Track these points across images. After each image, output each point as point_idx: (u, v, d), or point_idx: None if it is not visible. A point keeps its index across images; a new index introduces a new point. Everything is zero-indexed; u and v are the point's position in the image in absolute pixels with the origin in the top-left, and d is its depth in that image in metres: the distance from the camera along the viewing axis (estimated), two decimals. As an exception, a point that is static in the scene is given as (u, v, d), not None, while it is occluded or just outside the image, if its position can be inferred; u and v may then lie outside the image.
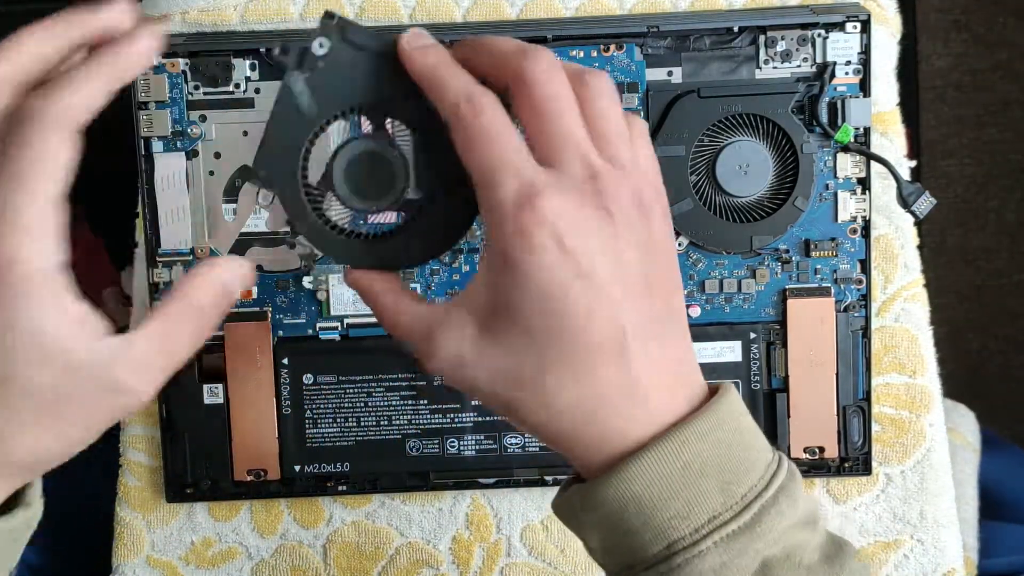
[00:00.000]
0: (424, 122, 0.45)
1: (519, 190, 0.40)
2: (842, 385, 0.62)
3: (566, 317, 0.40)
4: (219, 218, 0.62)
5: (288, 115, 0.44)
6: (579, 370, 0.41)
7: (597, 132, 0.42)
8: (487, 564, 0.65)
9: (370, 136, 0.45)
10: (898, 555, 0.64)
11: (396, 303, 0.44)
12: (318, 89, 0.44)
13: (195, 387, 0.62)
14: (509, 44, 0.42)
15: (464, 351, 0.42)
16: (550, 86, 0.41)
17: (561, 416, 0.41)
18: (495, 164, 0.40)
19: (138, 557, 0.64)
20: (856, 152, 0.61)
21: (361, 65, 0.44)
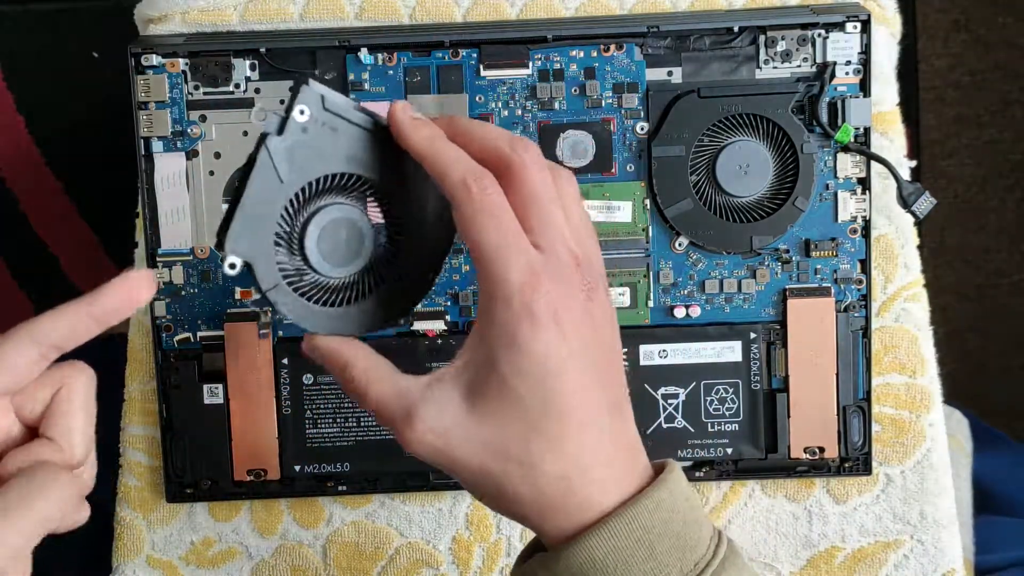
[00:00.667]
0: (395, 192, 0.46)
1: (525, 270, 0.43)
2: (842, 385, 0.62)
3: (559, 393, 0.43)
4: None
5: (264, 182, 0.44)
6: (566, 441, 0.43)
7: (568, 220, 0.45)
8: (487, 564, 0.65)
9: (342, 204, 0.46)
10: (898, 555, 0.64)
11: (367, 370, 0.45)
12: (295, 156, 0.44)
13: (195, 387, 0.62)
14: (497, 131, 0.45)
15: (449, 425, 0.44)
16: (541, 178, 0.44)
17: (544, 486, 0.44)
18: (502, 243, 0.43)
19: (138, 557, 0.64)
20: (856, 152, 0.61)
21: (338, 133, 0.45)
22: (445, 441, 0.44)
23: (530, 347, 0.42)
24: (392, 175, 0.46)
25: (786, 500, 0.64)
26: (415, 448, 0.44)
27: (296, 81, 0.45)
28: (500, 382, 0.43)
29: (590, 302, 0.44)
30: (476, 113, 0.61)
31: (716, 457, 0.63)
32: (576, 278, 0.44)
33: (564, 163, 0.62)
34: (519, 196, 0.44)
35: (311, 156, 0.45)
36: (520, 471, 0.43)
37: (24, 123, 1.10)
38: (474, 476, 0.44)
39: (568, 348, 0.43)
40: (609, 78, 0.61)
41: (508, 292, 0.43)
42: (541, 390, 0.43)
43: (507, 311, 0.43)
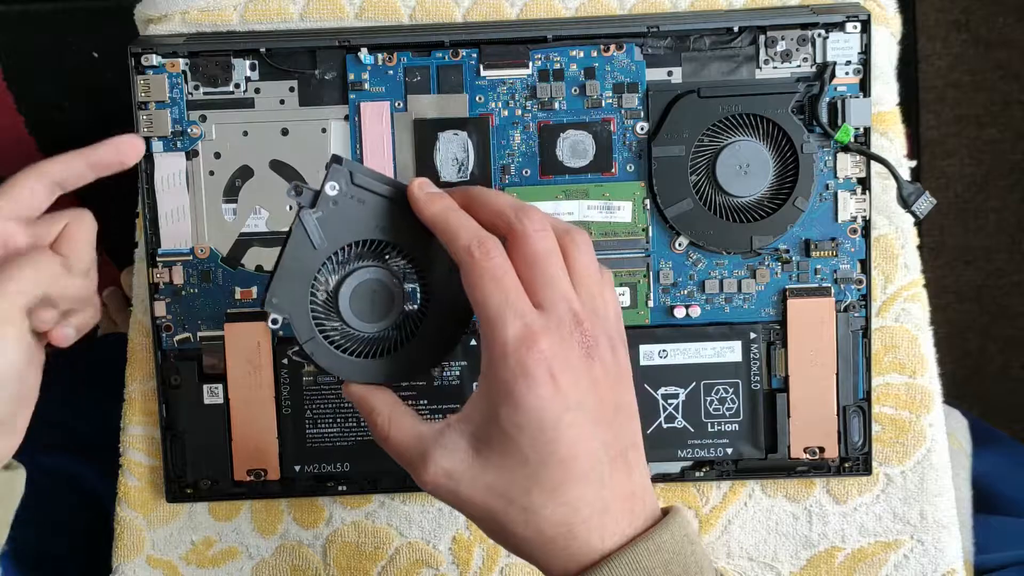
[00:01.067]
0: (421, 255, 0.51)
1: (521, 330, 0.45)
2: (842, 385, 0.62)
3: (557, 444, 0.45)
4: (219, 217, 0.62)
5: (300, 248, 0.50)
6: (563, 491, 0.46)
7: (577, 281, 0.48)
8: (487, 564, 0.65)
9: (372, 267, 0.51)
10: (898, 555, 0.64)
11: (391, 417, 0.50)
12: (327, 225, 0.50)
13: (195, 387, 0.62)
14: (505, 199, 0.49)
15: (456, 468, 0.47)
16: (542, 242, 0.47)
17: (543, 531, 0.46)
18: (501, 304, 0.46)
19: (138, 557, 0.64)
20: (856, 152, 0.61)
21: (366, 204, 0.50)
22: (454, 483, 0.47)
23: (526, 402, 0.45)
24: (417, 240, 0.51)
25: (786, 500, 0.64)
26: (428, 488, 0.48)
27: (329, 160, 0.50)
28: (501, 434, 0.46)
29: (589, 359, 0.47)
30: (476, 113, 0.61)
31: (716, 457, 0.63)
32: (575, 336, 0.47)
33: (564, 163, 0.62)
34: (522, 259, 0.47)
35: (342, 225, 0.50)
36: (523, 516, 0.46)
37: (24, 123, 1.10)
38: (480, 515, 0.47)
39: (564, 403, 0.45)
40: (609, 78, 0.61)
41: (505, 351, 0.45)
42: (539, 443, 0.45)
43: (504, 368, 0.45)
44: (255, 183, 0.62)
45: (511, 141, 0.62)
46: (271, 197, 0.62)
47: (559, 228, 0.49)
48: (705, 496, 0.64)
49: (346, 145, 0.61)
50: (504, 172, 0.62)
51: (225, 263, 0.62)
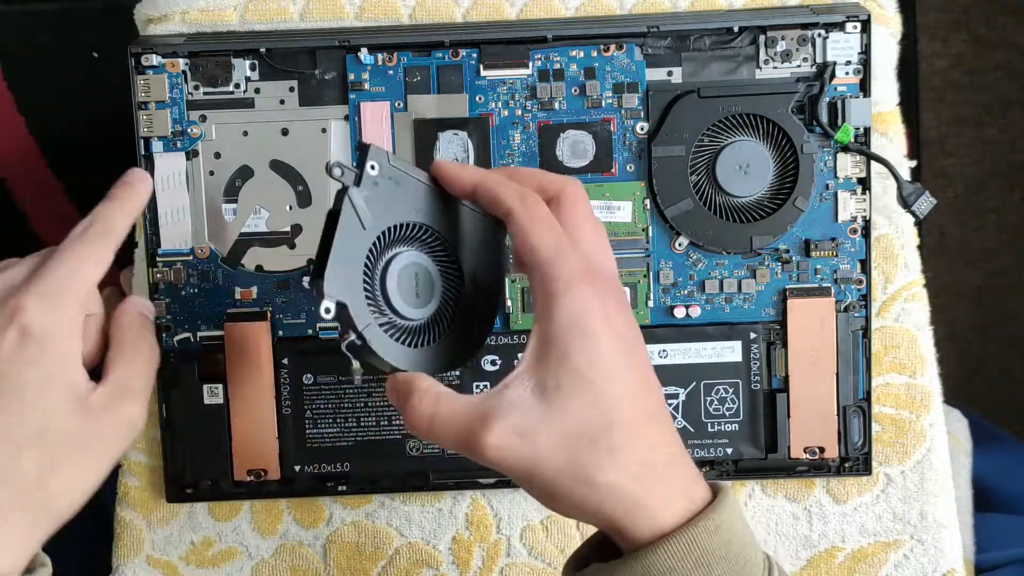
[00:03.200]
0: (455, 240, 0.51)
1: (580, 264, 0.46)
2: (842, 385, 0.62)
3: (628, 383, 0.45)
4: (219, 219, 0.62)
5: (350, 229, 0.47)
6: (643, 427, 0.45)
7: None
8: (487, 564, 0.65)
9: (414, 250, 0.50)
10: (898, 555, 0.64)
11: (438, 395, 0.47)
12: (372, 205, 0.48)
13: (195, 387, 0.62)
14: (545, 172, 0.50)
15: (528, 421, 0.44)
16: (586, 205, 0.49)
17: (633, 472, 0.44)
18: (560, 243, 0.46)
19: (138, 557, 0.64)
20: (856, 152, 0.61)
21: (403, 187, 0.49)
22: (528, 440, 0.44)
23: (597, 332, 0.45)
24: (450, 225, 0.51)
25: (786, 500, 0.64)
26: (494, 454, 0.44)
27: (361, 144, 0.50)
28: (575, 373, 0.44)
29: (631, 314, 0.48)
30: (476, 113, 0.61)
31: (716, 457, 0.63)
32: (617, 286, 0.48)
33: (564, 163, 0.62)
34: (569, 219, 0.48)
35: (383, 206, 0.49)
36: (609, 458, 0.44)
37: (24, 123, 1.10)
38: (558, 471, 0.44)
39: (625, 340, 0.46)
40: (609, 78, 0.61)
41: (570, 284, 0.45)
42: (612, 377, 0.45)
43: (570, 300, 0.45)
44: (255, 183, 0.62)
45: (511, 141, 0.62)
46: (271, 197, 0.62)
47: None
48: (705, 496, 0.64)
49: (346, 145, 0.61)
50: (504, 172, 0.62)
51: (225, 263, 0.62)
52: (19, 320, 0.47)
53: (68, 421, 0.47)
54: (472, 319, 0.51)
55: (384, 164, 0.48)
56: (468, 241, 0.51)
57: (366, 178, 0.48)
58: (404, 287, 0.49)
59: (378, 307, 0.49)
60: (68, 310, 0.48)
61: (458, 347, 0.51)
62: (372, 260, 0.48)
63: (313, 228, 0.62)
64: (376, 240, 0.48)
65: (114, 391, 0.49)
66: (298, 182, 0.62)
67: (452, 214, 0.51)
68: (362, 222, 0.47)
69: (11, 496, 0.46)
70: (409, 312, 0.49)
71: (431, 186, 0.50)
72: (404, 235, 0.50)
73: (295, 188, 0.62)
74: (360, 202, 0.47)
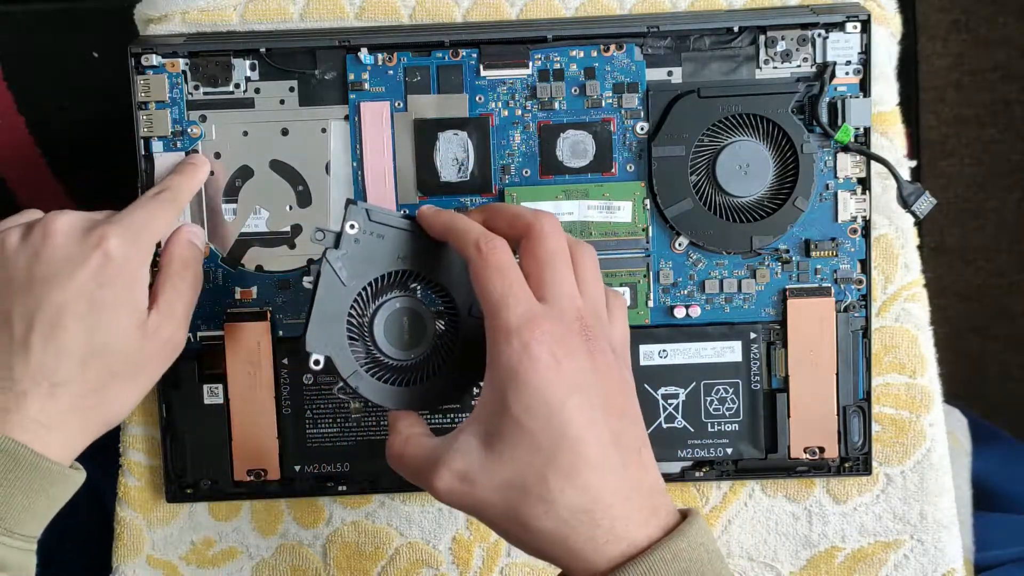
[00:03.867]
0: (443, 280, 0.54)
1: (523, 314, 0.47)
2: (842, 385, 0.62)
3: (566, 427, 0.46)
4: (218, 218, 0.62)
5: (330, 288, 0.52)
6: (579, 474, 0.46)
7: (582, 286, 0.50)
8: (487, 564, 0.65)
9: (401, 296, 0.54)
10: (898, 555, 0.64)
11: (408, 437, 0.51)
12: (352, 263, 0.52)
13: (195, 387, 0.62)
14: (524, 208, 0.52)
15: (470, 468, 0.47)
16: (555, 241, 0.49)
17: (564, 519, 0.46)
18: (505, 292, 0.47)
19: (138, 557, 0.64)
20: (856, 152, 0.61)
21: (386, 238, 0.53)
22: (469, 484, 0.47)
23: (531, 382, 0.46)
24: (438, 267, 0.54)
25: (786, 500, 0.64)
26: (442, 496, 0.48)
27: (345, 202, 0.52)
28: (512, 421, 0.46)
29: (591, 352, 0.47)
30: (476, 113, 0.61)
31: (716, 457, 0.63)
32: (576, 328, 0.48)
33: (564, 163, 0.62)
34: (533, 255, 0.49)
35: (366, 261, 0.53)
36: (542, 506, 0.46)
37: (24, 123, 1.10)
38: (499, 514, 0.47)
39: (568, 385, 0.46)
40: (609, 78, 0.61)
41: (508, 333, 0.46)
42: (549, 424, 0.46)
43: (508, 351, 0.46)
44: (255, 183, 0.62)
45: (511, 141, 0.62)
46: (271, 197, 0.62)
47: (569, 238, 0.51)
48: (705, 496, 0.64)
49: (346, 145, 0.61)
50: (504, 172, 0.62)
51: (225, 263, 0.62)
52: (104, 246, 0.53)
53: (130, 339, 0.53)
54: (471, 352, 0.53)
55: (363, 222, 0.52)
56: (459, 277, 0.53)
57: (345, 238, 0.52)
58: (392, 332, 0.54)
59: (368, 353, 0.53)
60: (144, 246, 0.54)
61: (456, 380, 0.54)
62: (360, 310, 0.53)
63: (313, 228, 0.62)
64: (361, 292, 0.53)
65: (164, 316, 0.55)
66: (298, 182, 0.62)
67: (442, 254, 0.54)
68: (342, 280, 0.52)
69: (74, 399, 0.52)
70: (398, 355, 0.54)
71: (416, 232, 0.53)
72: (394, 282, 0.53)
73: (295, 188, 0.62)
74: (338, 263, 0.52)
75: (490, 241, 0.49)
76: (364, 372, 0.53)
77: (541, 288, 0.48)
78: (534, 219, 0.50)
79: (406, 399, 0.53)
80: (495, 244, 0.49)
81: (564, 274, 0.49)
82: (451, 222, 0.51)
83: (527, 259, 0.49)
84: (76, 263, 0.52)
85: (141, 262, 0.54)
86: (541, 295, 0.48)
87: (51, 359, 0.51)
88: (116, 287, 0.53)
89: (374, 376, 0.53)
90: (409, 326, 0.54)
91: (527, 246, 0.50)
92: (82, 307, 0.52)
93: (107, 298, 0.52)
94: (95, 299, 0.52)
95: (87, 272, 0.52)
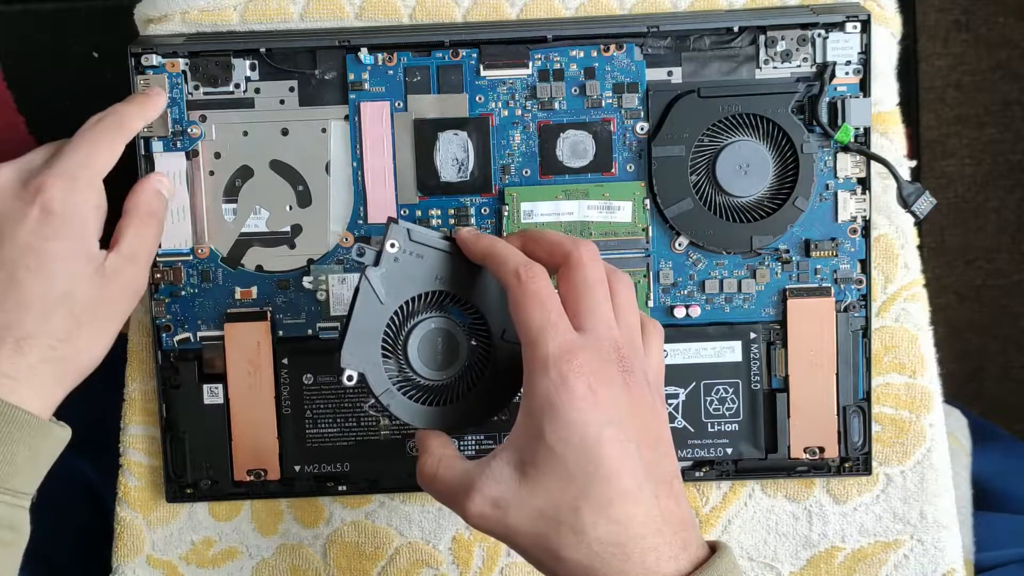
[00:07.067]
0: (480, 303, 0.53)
1: (561, 345, 0.47)
2: (842, 385, 0.62)
3: (601, 459, 0.45)
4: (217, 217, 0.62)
5: (368, 305, 0.52)
6: (612, 507, 0.46)
7: (619, 314, 0.49)
8: (487, 564, 0.65)
9: (436, 317, 0.53)
10: (898, 555, 0.64)
11: (441, 458, 0.50)
12: (391, 281, 0.52)
13: (195, 387, 0.62)
14: (564, 235, 0.51)
15: (504, 495, 0.47)
16: (594, 270, 0.49)
17: (596, 552, 0.45)
18: (544, 322, 0.47)
19: (138, 557, 0.64)
20: (856, 152, 0.61)
21: (425, 259, 0.53)
22: (502, 511, 0.47)
23: (568, 414, 0.46)
24: (475, 290, 0.53)
25: (786, 500, 0.64)
26: (475, 520, 0.48)
27: (387, 221, 0.52)
28: (547, 451, 0.46)
29: (626, 383, 0.47)
30: (476, 113, 0.61)
31: (716, 457, 0.63)
32: (613, 358, 0.47)
33: (564, 163, 0.62)
34: (572, 284, 0.49)
35: (404, 280, 0.53)
36: (574, 537, 0.46)
37: (24, 123, 1.10)
38: (530, 543, 0.47)
39: (604, 416, 0.46)
40: (609, 78, 0.61)
41: (546, 364, 0.46)
42: (584, 455, 0.45)
43: (546, 381, 0.46)
44: (255, 183, 0.62)
45: (511, 141, 0.62)
46: (271, 197, 0.62)
47: (607, 266, 0.51)
48: (705, 496, 0.64)
49: (346, 145, 0.61)
50: (504, 172, 0.62)
51: (225, 263, 0.62)
52: (41, 199, 0.52)
53: (88, 286, 0.53)
54: (501, 375, 0.53)
55: (404, 241, 0.52)
56: (494, 301, 0.53)
57: (386, 256, 0.52)
58: (425, 352, 0.53)
59: (401, 371, 0.53)
60: (85, 190, 0.53)
61: (485, 403, 0.54)
62: (395, 328, 0.53)
63: (313, 228, 0.62)
64: (398, 311, 0.52)
65: (124, 259, 0.55)
66: (298, 182, 0.62)
67: (478, 277, 0.53)
68: (380, 298, 0.52)
69: (42, 351, 0.52)
70: (430, 375, 0.54)
71: (455, 253, 0.53)
72: (430, 302, 0.53)
73: (295, 188, 0.62)
74: (377, 281, 0.52)
75: (530, 269, 0.49)
76: (396, 390, 0.53)
77: (579, 317, 0.48)
78: (573, 247, 0.50)
79: (435, 419, 0.53)
80: (534, 272, 0.49)
81: (602, 304, 0.49)
82: (491, 247, 0.51)
83: (566, 287, 0.49)
84: (16, 219, 0.52)
85: (85, 205, 0.54)
86: (579, 324, 0.48)
87: (12, 315, 0.51)
88: (63, 238, 0.52)
89: (406, 394, 0.53)
90: (443, 347, 0.54)
91: (566, 274, 0.49)
92: (31, 261, 0.52)
93: (56, 250, 0.52)
94: (43, 252, 0.52)
95: (28, 228, 0.52)
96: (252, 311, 0.62)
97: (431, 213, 0.62)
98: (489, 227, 0.62)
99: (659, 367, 0.52)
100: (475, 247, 0.52)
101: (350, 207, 0.62)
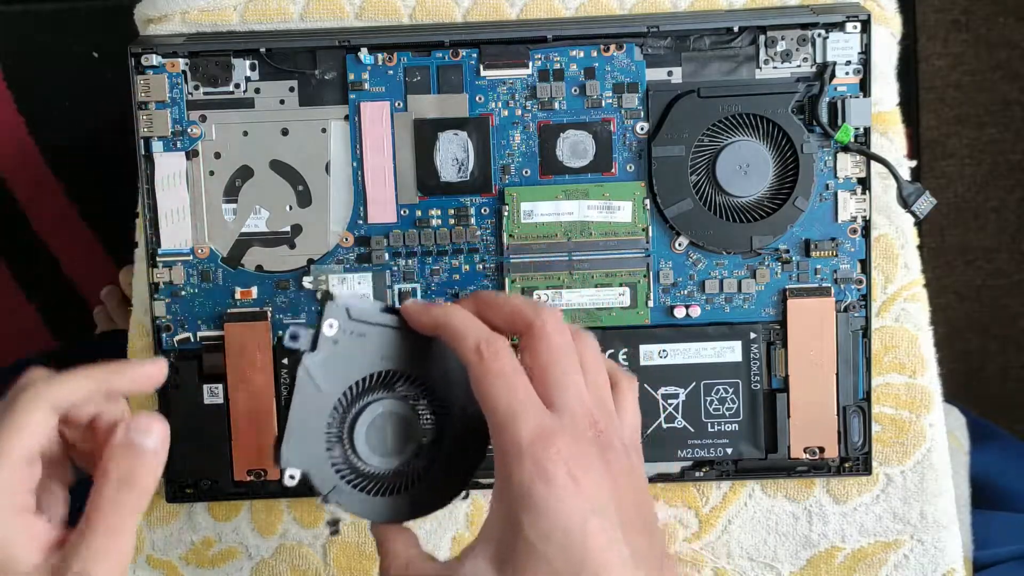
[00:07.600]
0: (431, 378, 0.49)
1: (535, 429, 0.43)
2: (842, 385, 0.62)
3: (586, 552, 0.42)
4: (217, 220, 0.62)
5: (307, 396, 0.48)
6: None
7: (589, 380, 0.46)
8: (487, 564, 0.65)
9: (383, 399, 0.49)
10: (898, 555, 0.64)
11: (408, 561, 0.47)
12: (331, 365, 0.48)
13: (195, 387, 0.62)
14: (522, 300, 0.47)
15: None
16: (560, 339, 0.46)
17: None
18: (514, 405, 0.44)
19: (138, 557, 0.64)
20: (856, 152, 0.61)
21: (367, 337, 0.48)
22: None
23: (548, 506, 0.42)
24: (426, 363, 0.49)
25: (786, 500, 0.64)
26: None
27: (322, 297, 0.48)
28: (528, 547, 0.42)
29: (606, 462, 0.44)
30: (476, 113, 0.61)
31: (716, 457, 0.63)
32: (590, 436, 0.44)
33: (564, 163, 0.62)
34: (538, 357, 0.45)
35: (346, 363, 0.48)
36: None
37: (24, 123, 1.10)
38: None
39: (588, 506, 0.43)
40: (609, 78, 0.61)
41: (520, 452, 0.43)
42: (569, 550, 0.42)
43: (520, 471, 0.43)
44: (255, 183, 0.62)
45: (511, 141, 0.62)
46: (271, 197, 0.62)
47: (571, 328, 0.48)
48: (705, 496, 0.64)
49: (346, 145, 0.61)
50: (504, 172, 0.62)
51: (225, 263, 0.62)
52: None
53: None
54: (462, 453, 0.50)
55: (343, 320, 0.48)
56: (451, 375, 0.49)
57: (323, 340, 0.47)
58: (374, 439, 0.49)
59: (348, 462, 0.49)
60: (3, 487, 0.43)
61: (444, 485, 0.50)
62: (339, 417, 0.49)
63: (313, 228, 0.62)
64: (341, 398, 0.48)
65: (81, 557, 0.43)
66: (298, 182, 0.62)
67: (429, 349, 0.49)
68: (319, 386, 0.48)
69: None
70: (380, 463, 0.49)
71: (401, 327, 0.49)
72: (376, 383, 0.49)
73: (295, 188, 0.62)
74: (316, 367, 0.47)
75: (491, 345, 0.45)
76: (346, 485, 0.48)
77: (549, 392, 0.45)
78: (535, 316, 0.46)
79: (394, 509, 0.49)
80: (497, 348, 0.45)
81: (573, 376, 0.45)
82: (444, 320, 0.47)
83: (532, 358, 0.46)
84: None
85: None
86: (550, 400, 0.45)
87: None
88: None
89: (357, 487, 0.49)
90: (393, 430, 0.49)
91: (531, 345, 0.46)
92: None
93: None
94: None
95: None
96: (252, 311, 0.62)
97: (431, 213, 0.62)
98: (489, 227, 0.62)
99: (634, 426, 0.49)
100: (424, 320, 0.48)
101: (350, 207, 0.62)
